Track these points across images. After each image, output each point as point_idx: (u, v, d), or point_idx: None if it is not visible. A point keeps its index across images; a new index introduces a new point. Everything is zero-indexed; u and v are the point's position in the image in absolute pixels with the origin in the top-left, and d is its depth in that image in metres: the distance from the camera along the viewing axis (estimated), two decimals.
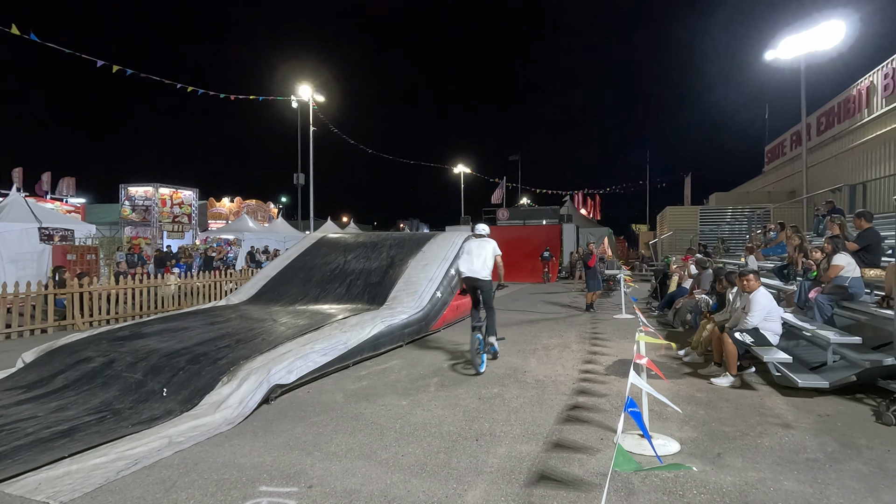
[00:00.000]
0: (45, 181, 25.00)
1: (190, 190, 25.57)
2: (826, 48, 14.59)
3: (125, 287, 9.34)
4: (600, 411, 4.19)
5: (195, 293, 10.77)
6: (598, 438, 3.60)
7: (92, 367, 4.94)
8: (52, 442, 3.45)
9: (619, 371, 5.52)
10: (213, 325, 6.34)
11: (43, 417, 3.95)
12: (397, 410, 4.24)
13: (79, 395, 4.48)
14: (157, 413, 4.05)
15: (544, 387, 4.93)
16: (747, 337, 4.96)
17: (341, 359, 5.51)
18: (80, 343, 5.56)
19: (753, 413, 4.12)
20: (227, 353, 5.00)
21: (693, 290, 8.42)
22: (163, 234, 23.93)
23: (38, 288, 8.23)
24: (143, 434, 3.59)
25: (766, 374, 5.08)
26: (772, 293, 5.66)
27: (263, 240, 20.40)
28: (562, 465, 3.17)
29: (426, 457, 3.31)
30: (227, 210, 29.23)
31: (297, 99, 21.61)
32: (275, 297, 8.47)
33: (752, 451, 3.35)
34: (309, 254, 9.89)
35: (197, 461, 3.25)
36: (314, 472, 3.08)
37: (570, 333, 7.97)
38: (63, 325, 8.40)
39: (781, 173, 23.72)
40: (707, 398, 4.54)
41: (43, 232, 11.85)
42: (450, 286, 8.55)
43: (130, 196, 24.04)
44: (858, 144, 16.11)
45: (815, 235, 10.26)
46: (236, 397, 4.18)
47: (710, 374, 5.22)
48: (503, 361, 6.01)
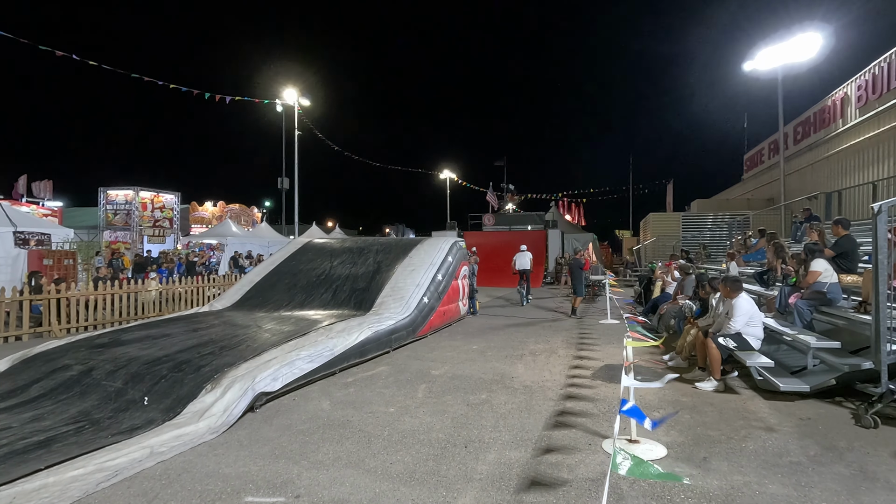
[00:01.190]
0: (21, 184, 24.34)
1: (172, 194, 25.11)
2: (802, 59, 15.03)
3: (104, 293, 9.12)
4: (588, 416, 4.21)
5: (177, 299, 10.57)
6: (586, 443, 3.62)
7: (69, 376, 4.80)
8: (27, 454, 3.33)
9: (605, 376, 5.57)
10: (195, 332, 6.22)
11: (18, 428, 3.81)
12: (385, 418, 4.21)
13: (56, 405, 4.34)
14: (137, 422, 3.95)
15: (532, 392, 4.94)
16: (730, 342, 5.05)
17: (327, 365, 5.45)
18: (57, 351, 5.40)
19: (737, 417, 4.18)
20: (211, 361, 4.90)
21: (676, 296, 8.55)
22: (143, 239, 23.45)
23: (13, 293, 7.98)
24: (124, 444, 3.49)
25: (749, 379, 5.17)
26: (753, 298, 5.77)
27: (247, 245, 20.15)
28: (551, 470, 3.18)
29: (415, 464, 3.28)
30: (209, 214, 28.79)
31: (282, 103, 21.48)
32: (259, 303, 8.36)
33: (737, 455, 3.39)
34: (294, 259, 9.79)
35: (180, 472, 3.17)
36: (301, 482, 3.03)
37: (556, 339, 8.01)
38: (39, 333, 8.16)
39: (760, 181, 24.28)
40: (692, 402, 4.59)
41: (18, 236, 11.52)
42: (437, 291, 8.54)
43: (110, 199, 23.53)
44: (833, 153, 16.58)
45: (793, 242, 10.51)
46: (220, 405, 4.10)
47: (694, 379, 5.29)
48: (490, 367, 6.02)
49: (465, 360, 6.45)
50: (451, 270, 9.26)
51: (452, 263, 9.42)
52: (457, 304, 9.76)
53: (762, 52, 15.65)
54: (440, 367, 6.00)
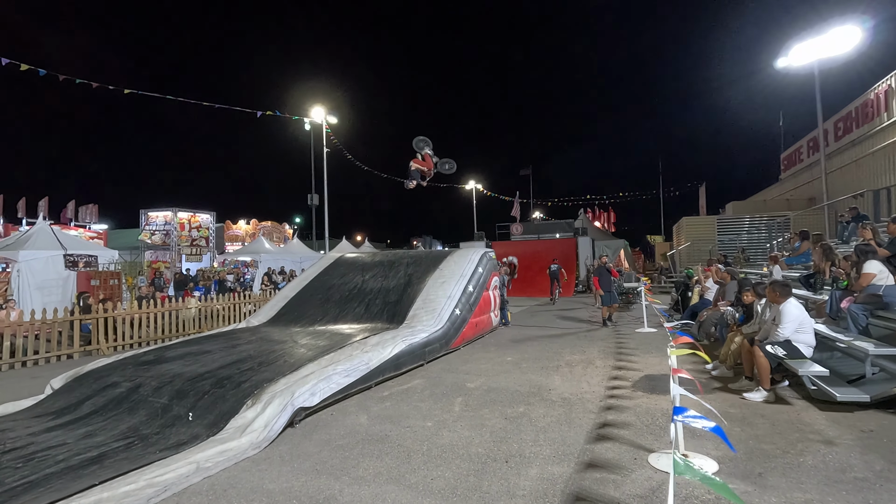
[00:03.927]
0: (70, 209, 25.69)
1: (207, 213, 26.03)
2: (840, 53, 14.44)
3: (147, 311, 9.46)
4: (631, 429, 4.08)
5: (215, 316, 10.86)
6: (631, 458, 3.50)
7: (118, 393, 4.98)
8: (82, 469, 3.46)
9: (646, 387, 5.40)
10: (234, 348, 6.37)
11: (72, 444, 3.97)
12: (423, 432, 4.18)
13: (106, 421, 4.50)
14: (183, 438, 4.05)
15: (571, 405, 4.83)
16: (779, 350, 4.82)
17: (363, 379, 5.47)
18: (106, 368, 5.61)
19: (792, 429, 3.98)
20: (251, 376, 5.00)
21: (717, 302, 8.25)
22: (181, 258, 24.32)
23: (65, 314, 8.37)
24: (172, 459, 3.58)
25: (801, 388, 4.92)
26: (801, 303, 5.51)
27: (280, 261, 20.59)
28: (597, 486, 3.08)
29: (456, 480, 3.24)
30: (243, 232, 29.66)
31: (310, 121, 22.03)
32: (294, 318, 8.50)
33: (795, 470, 3.21)
34: (327, 274, 9.94)
35: (226, 487, 3.23)
36: (343, 498, 3.03)
37: (592, 349, 7.84)
38: (88, 351, 8.51)
39: (799, 180, 23.34)
40: (741, 414, 4.40)
41: (68, 258, 12.12)
42: (468, 303, 8.50)
43: (150, 221, 24.55)
44: (879, 149, 15.80)
45: (839, 242, 10.01)
46: (261, 421, 4.17)
47: (741, 389, 5.07)
48: (526, 379, 5.92)
49: (500, 372, 6.38)
50: (482, 281, 9.22)
51: (483, 274, 9.38)
52: (489, 315, 9.69)
53: (795, 47, 15.15)
54: (475, 380, 5.95)
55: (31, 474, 3.37)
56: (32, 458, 3.66)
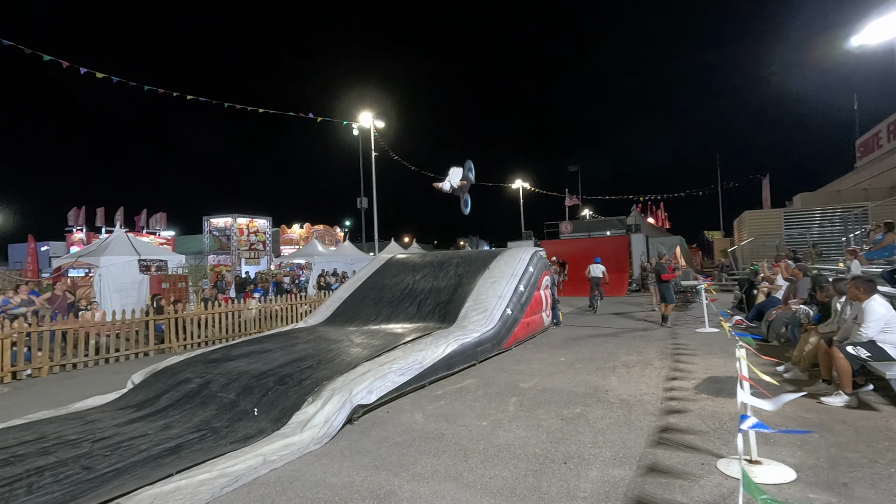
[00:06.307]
0: (143, 217, 27.68)
1: (264, 218, 27.24)
2: None
3: (213, 312, 10.03)
4: (696, 433, 3.90)
5: (274, 316, 11.35)
6: (697, 463, 3.34)
7: (191, 388, 5.31)
8: (161, 458, 3.72)
9: (709, 389, 5.14)
10: (294, 347, 6.62)
11: (153, 435, 4.27)
12: (478, 431, 4.18)
13: (181, 414, 4.81)
14: (250, 431, 4.26)
15: (630, 407, 4.68)
16: (862, 351, 4.45)
17: (418, 378, 5.55)
18: (179, 365, 6.00)
19: (880, 437, 3.66)
20: (311, 374, 5.19)
21: (787, 300, 7.74)
22: (241, 261, 25.59)
23: (141, 315, 9.03)
24: (241, 452, 3.78)
25: (888, 392, 4.53)
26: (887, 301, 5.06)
27: (332, 263, 21.23)
28: (661, 491, 2.97)
29: (514, 480, 3.22)
30: (297, 236, 30.81)
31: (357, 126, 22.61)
32: (349, 318, 8.74)
33: (886, 482, 2.96)
34: (379, 275, 10.15)
35: (291, 479, 3.36)
36: (403, 494, 3.09)
37: (649, 349, 7.56)
38: (161, 349, 9.13)
39: (878, 168, 21.45)
40: (819, 419, 4.10)
41: (142, 263, 13.06)
42: (519, 303, 8.42)
43: (213, 227, 26.00)
44: None
45: None
46: (321, 416, 4.31)
47: (818, 393, 4.72)
48: (581, 379, 5.80)
49: (553, 372, 6.28)
50: (532, 281, 9.11)
51: (534, 274, 9.26)
52: (540, 315, 9.56)
53: (871, 24, 13.95)
54: (529, 380, 5.88)
55: (118, 462, 3.66)
56: (119, 447, 3.97)
